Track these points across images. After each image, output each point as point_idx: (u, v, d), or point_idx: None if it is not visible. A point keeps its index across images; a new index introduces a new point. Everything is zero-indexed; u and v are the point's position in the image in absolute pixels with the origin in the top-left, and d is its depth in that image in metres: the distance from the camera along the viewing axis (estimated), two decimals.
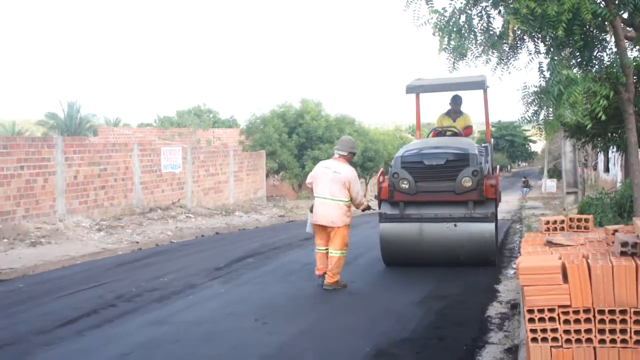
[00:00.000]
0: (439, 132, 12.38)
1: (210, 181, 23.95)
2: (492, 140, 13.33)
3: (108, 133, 34.72)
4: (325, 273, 9.11)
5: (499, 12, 7.84)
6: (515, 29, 7.31)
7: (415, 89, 12.65)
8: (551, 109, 8.85)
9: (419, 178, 10.39)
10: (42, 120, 54.11)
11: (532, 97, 8.88)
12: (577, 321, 4.27)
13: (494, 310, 7.87)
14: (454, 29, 7.62)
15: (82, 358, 6.23)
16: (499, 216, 22.24)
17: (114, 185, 18.48)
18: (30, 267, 11.14)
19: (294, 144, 30.00)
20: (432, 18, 7.62)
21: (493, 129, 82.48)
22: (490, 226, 10.16)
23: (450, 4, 7.97)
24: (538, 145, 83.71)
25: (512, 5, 7.33)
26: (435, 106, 13.53)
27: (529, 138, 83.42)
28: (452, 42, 7.66)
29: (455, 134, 12.08)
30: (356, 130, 33.73)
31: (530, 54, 8.60)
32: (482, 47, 8.25)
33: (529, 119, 9.09)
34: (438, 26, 7.59)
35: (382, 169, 11.74)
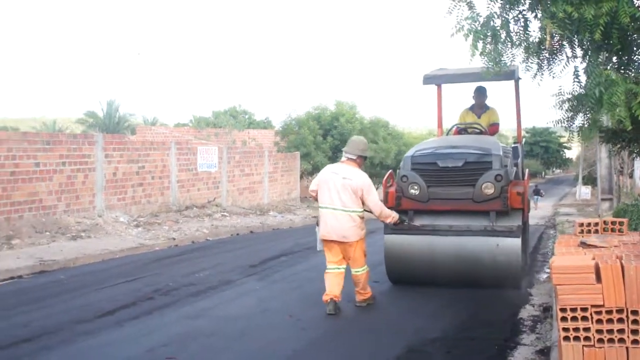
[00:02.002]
0: (461, 130, 10.84)
1: (245, 181, 24.20)
2: (524, 140, 12.09)
3: (146, 132, 35.25)
4: (332, 299, 7.77)
5: (536, 15, 7.85)
6: (552, 32, 7.32)
7: (434, 80, 11.17)
8: (588, 115, 8.85)
9: (431, 182, 8.96)
10: (81, 118, 55.03)
11: (568, 103, 8.88)
12: (609, 321, 4.33)
13: (527, 312, 7.90)
14: (489, 33, 7.64)
15: (121, 347, 6.43)
16: (532, 222, 22.13)
17: (151, 183, 18.81)
18: (71, 260, 11.46)
19: (328, 146, 30.14)
20: (464, 26, 7.63)
21: (527, 134, 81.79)
22: (516, 242, 8.65)
23: (488, 6, 8.03)
24: (573, 152, 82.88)
25: (549, 9, 7.34)
26: (465, 101, 12.29)
27: (563, 144, 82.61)
28: (488, 47, 7.68)
29: (480, 132, 10.55)
30: (390, 133, 33.81)
31: (568, 59, 8.61)
32: (523, 54, 8.26)
33: (563, 124, 9.09)
34: (471, 30, 7.59)
35: (390, 171, 10.14)
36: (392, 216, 8.23)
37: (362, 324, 7.47)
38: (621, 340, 4.31)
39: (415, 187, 8.97)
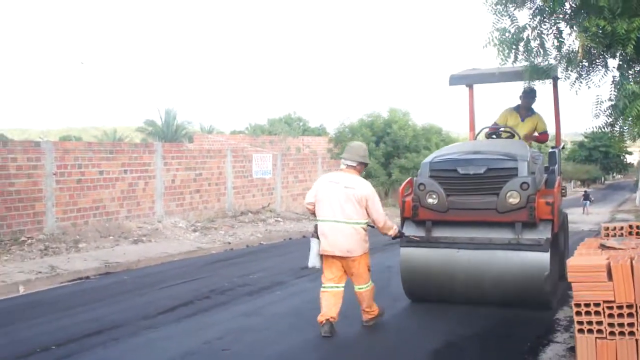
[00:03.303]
0: (491, 134, 10.12)
1: (298, 187, 24.81)
2: (563, 144, 10.94)
3: (203, 140, 36.21)
4: (329, 320, 7.14)
5: (571, 27, 8.17)
6: (585, 45, 7.65)
7: (461, 80, 10.46)
8: (626, 124, 9.10)
9: (451, 191, 8.21)
10: (141, 127, 56.52)
11: (608, 111, 9.15)
12: (620, 315, 4.74)
13: (564, 313, 8.18)
14: (521, 44, 7.96)
15: (180, 340, 7.05)
16: (585, 228, 22.03)
17: (208, 190, 19.57)
18: (134, 262, 12.24)
19: (381, 152, 30.52)
20: (495, 37, 7.94)
21: (586, 139, 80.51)
22: (543, 257, 7.80)
23: (531, 17, 8.36)
24: (634, 157, 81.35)
25: (583, 24, 7.67)
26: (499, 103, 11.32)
27: (624, 149, 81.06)
28: (520, 56, 8.00)
29: (512, 136, 9.80)
30: (443, 139, 33.97)
31: (606, 70, 8.89)
32: (558, 62, 8.58)
33: (604, 130, 9.32)
34: (502, 41, 7.89)
35: (409, 178, 9.19)
36: (394, 228, 7.55)
37: (405, 321, 7.99)
38: (631, 334, 4.71)
39: (434, 196, 8.25)
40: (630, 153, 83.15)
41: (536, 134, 10.42)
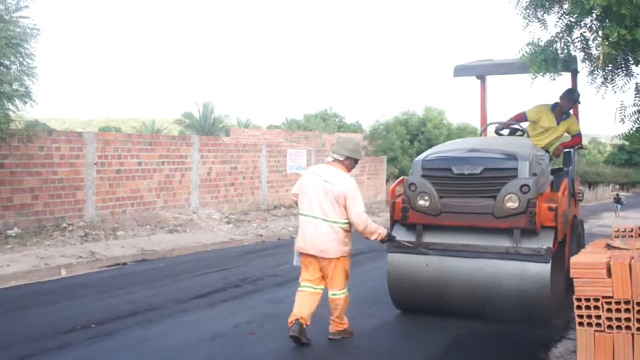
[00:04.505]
0: (504, 129, 9.50)
1: None
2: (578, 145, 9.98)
3: (239, 134, 36.69)
4: (298, 320, 6.64)
5: (595, 38, 8.45)
6: (606, 52, 7.93)
7: (466, 71, 9.83)
8: None
9: (444, 192, 7.49)
10: (179, 119, 57.26)
11: (633, 116, 9.36)
12: (617, 310, 5.06)
13: None
14: (551, 58, 8.22)
15: (211, 323, 7.54)
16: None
17: (242, 183, 20.09)
18: (169, 251, 12.78)
19: (415, 151, 30.78)
20: (527, 51, 8.22)
21: (627, 143, 79.33)
22: (544, 268, 6.96)
23: (556, 24, 8.63)
24: None
25: (604, 32, 7.95)
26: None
27: None
28: (548, 73, 8.24)
29: (523, 134, 9.22)
30: None
31: (629, 76, 9.12)
32: (588, 68, 8.85)
33: (629, 136, 9.51)
34: (533, 54, 8.19)
35: (402, 177, 8.59)
36: (379, 232, 6.85)
37: (420, 316, 8.22)
38: (627, 328, 5.03)
39: (425, 198, 7.54)
40: None
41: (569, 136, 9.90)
